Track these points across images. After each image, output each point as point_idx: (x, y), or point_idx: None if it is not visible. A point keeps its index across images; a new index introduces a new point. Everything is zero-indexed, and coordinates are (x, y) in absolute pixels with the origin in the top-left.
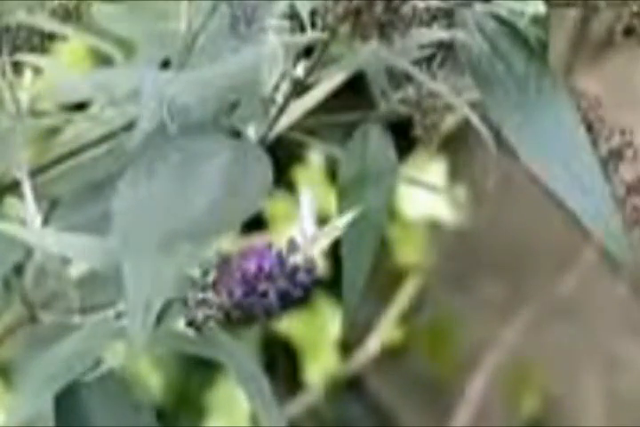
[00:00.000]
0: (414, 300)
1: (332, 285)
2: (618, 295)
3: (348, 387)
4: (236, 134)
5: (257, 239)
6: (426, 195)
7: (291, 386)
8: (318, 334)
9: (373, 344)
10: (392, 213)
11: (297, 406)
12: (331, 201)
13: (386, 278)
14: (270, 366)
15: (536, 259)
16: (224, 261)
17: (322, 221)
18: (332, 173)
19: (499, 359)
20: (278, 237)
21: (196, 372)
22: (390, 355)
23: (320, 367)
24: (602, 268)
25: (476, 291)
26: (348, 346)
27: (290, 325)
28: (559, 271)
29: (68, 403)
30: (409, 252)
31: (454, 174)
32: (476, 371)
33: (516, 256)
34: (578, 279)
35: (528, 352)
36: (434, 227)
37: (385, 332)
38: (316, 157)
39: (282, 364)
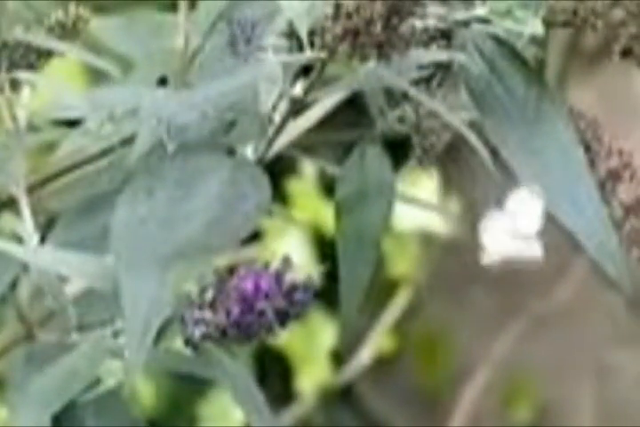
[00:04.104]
0: (406, 311)
1: (325, 296)
2: (608, 306)
3: (341, 397)
4: (234, 153)
5: (248, 252)
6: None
7: (283, 396)
8: (311, 344)
9: (366, 355)
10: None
11: (290, 415)
12: (324, 214)
13: (378, 290)
14: (263, 376)
15: (528, 271)
16: (221, 280)
17: (315, 234)
18: (325, 185)
19: (491, 370)
20: (270, 250)
21: (189, 381)
22: (383, 365)
23: (312, 377)
24: (593, 279)
25: (468, 302)
26: (340, 356)
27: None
28: (550, 283)
29: (65, 421)
30: (401, 263)
31: (446, 186)
32: (468, 381)
33: (508, 268)
34: (569, 291)
35: (520, 363)
36: (426, 239)
37: (377, 342)
38: (309, 170)
39: (274, 374)
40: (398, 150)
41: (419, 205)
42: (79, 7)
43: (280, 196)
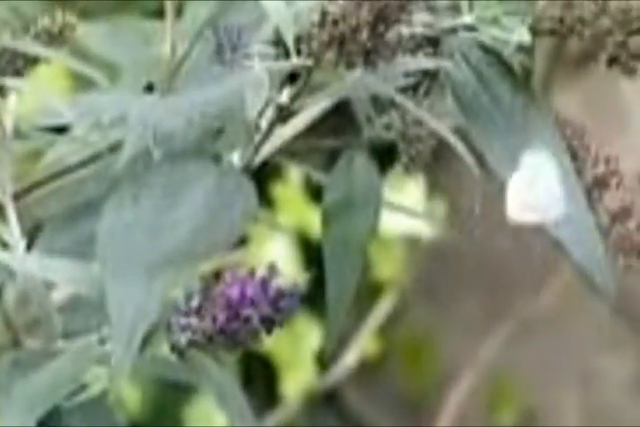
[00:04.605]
0: (392, 315)
1: (310, 299)
2: (594, 311)
3: (325, 401)
4: (221, 160)
5: (233, 257)
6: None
7: (268, 399)
8: (295, 347)
9: (351, 358)
10: None
11: (274, 419)
12: (309, 218)
13: (363, 293)
14: (247, 380)
15: (513, 274)
16: (207, 287)
17: (301, 238)
18: (311, 190)
19: (476, 374)
20: (255, 255)
21: (174, 387)
22: (368, 369)
23: (297, 381)
24: (578, 284)
25: (454, 306)
26: (325, 360)
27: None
28: (536, 287)
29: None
30: (386, 267)
31: (432, 190)
32: (453, 385)
33: (494, 272)
34: (555, 295)
35: (505, 367)
36: (411, 242)
37: (362, 346)
38: (295, 175)
39: (259, 377)
40: (384, 156)
41: (405, 211)
42: (66, 14)
43: (266, 200)
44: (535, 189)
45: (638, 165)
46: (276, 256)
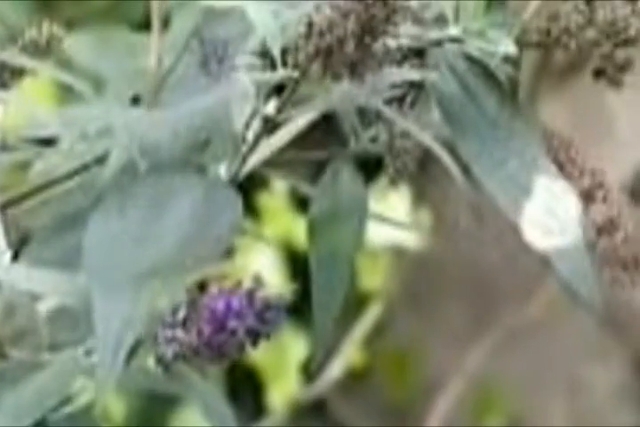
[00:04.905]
0: (378, 325)
1: (295, 310)
2: (580, 320)
3: (312, 411)
4: (207, 172)
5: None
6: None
7: (254, 410)
8: (281, 358)
9: (337, 368)
10: None
11: None
12: (295, 228)
13: (349, 303)
14: (233, 391)
15: (500, 285)
16: (193, 299)
17: (287, 248)
18: (296, 200)
19: (463, 383)
20: (241, 266)
21: (160, 398)
22: (354, 379)
23: (283, 392)
24: (564, 295)
25: (440, 316)
26: (311, 370)
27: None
28: (522, 297)
29: None
30: (372, 277)
31: (417, 200)
32: (439, 395)
33: (480, 282)
34: (541, 304)
35: (492, 376)
36: (397, 253)
37: (348, 356)
38: (280, 185)
39: (245, 388)
40: (370, 167)
41: (390, 223)
42: (53, 25)
43: (251, 210)
44: (554, 214)
45: (624, 174)
46: (262, 267)
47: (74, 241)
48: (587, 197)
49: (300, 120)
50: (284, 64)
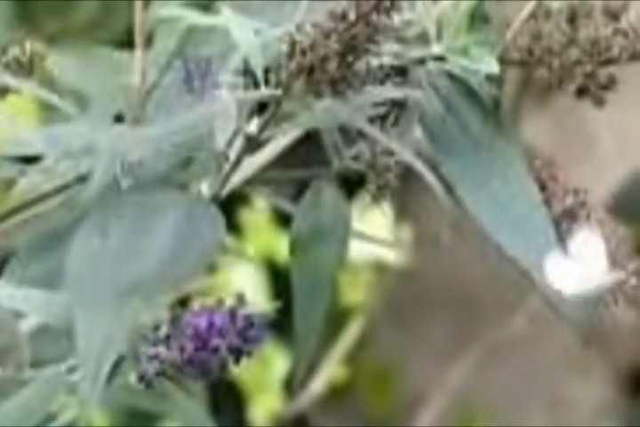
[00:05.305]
0: (360, 340)
1: (277, 325)
2: (563, 336)
3: (294, 426)
4: (190, 190)
5: (200, 283)
6: (371, 234)
7: (236, 425)
8: (263, 372)
9: (319, 384)
10: None
11: None
12: (276, 244)
13: (331, 318)
14: (215, 406)
15: (482, 300)
16: (175, 317)
17: (268, 264)
18: (278, 215)
19: (445, 399)
20: (222, 280)
21: (142, 414)
22: (336, 394)
23: (265, 407)
24: (546, 310)
25: (422, 331)
26: (293, 385)
27: None
28: (504, 312)
29: None
30: (354, 292)
31: (399, 215)
32: (421, 410)
33: (462, 297)
34: (522, 321)
35: (473, 393)
36: (379, 267)
37: (330, 371)
38: (262, 201)
39: (227, 403)
40: (351, 182)
41: (372, 241)
42: (35, 44)
43: (233, 227)
44: (584, 262)
45: (607, 192)
46: (244, 283)
47: (57, 259)
48: (570, 217)
49: (282, 138)
50: (267, 82)
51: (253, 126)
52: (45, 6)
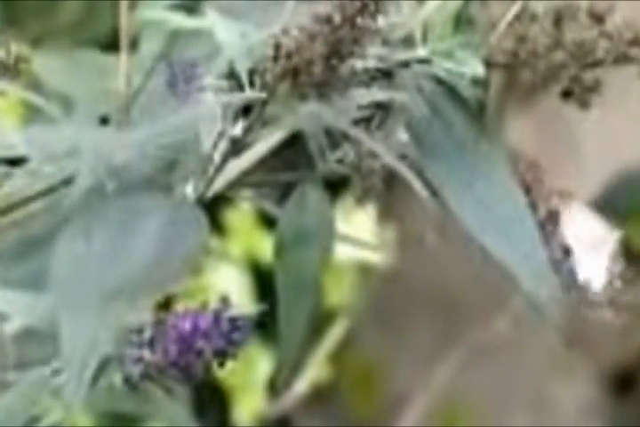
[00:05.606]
0: (343, 341)
1: (261, 326)
2: (547, 338)
3: None
4: (174, 193)
5: (183, 284)
6: (355, 235)
7: (220, 426)
8: (247, 374)
9: (302, 385)
10: None
11: None
12: (260, 246)
13: (315, 320)
14: (199, 407)
15: (465, 301)
16: (160, 319)
17: (251, 264)
18: (262, 217)
19: (428, 400)
20: (206, 280)
21: (127, 416)
22: (320, 395)
23: (249, 408)
24: (530, 311)
25: (406, 332)
26: (276, 386)
27: None
28: (488, 314)
29: None
30: (337, 293)
31: (383, 216)
32: (405, 411)
33: (446, 298)
34: (507, 322)
35: (457, 394)
36: (362, 268)
37: (314, 372)
38: (246, 202)
39: (211, 404)
40: (335, 183)
41: (356, 243)
42: (21, 46)
43: (217, 228)
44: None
45: (591, 192)
46: (228, 284)
47: (41, 262)
48: (554, 219)
49: (267, 141)
50: (252, 85)
51: (238, 129)
52: (29, 8)
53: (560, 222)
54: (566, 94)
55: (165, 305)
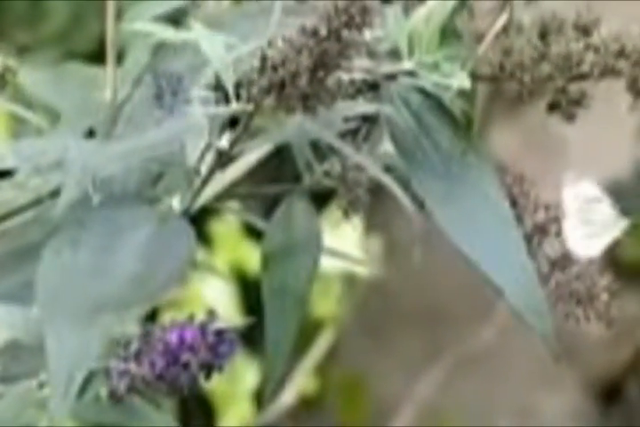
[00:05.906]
0: (330, 352)
1: (247, 337)
2: (533, 348)
3: None
4: (161, 205)
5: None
6: (341, 247)
7: None
8: (233, 385)
9: (288, 395)
10: None
11: None
12: (247, 257)
13: (301, 330)
14: (186, 418)
15: (451, 312)
16: (146, 332)
17: (237, 274)
18: (248, 228)
19: (414, 410)
20: (192, 291)
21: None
22: (306, 406)
23: (235, 418)
24: (516, 321)
25: (392, 343)
26: (263, 397)
27: None
28: (474, 324)
29: None
30: (324, 304)
31: (370, 227)
32: (391, 422)
33: (432, 309)
34: (492, 332)
35: (443, 403)
36: (349, 279)
37: (300, 383)
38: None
39: (197, 415)
40: (321, 195)
41: (342, 256)
42: (7, 58)
43: (204, 239)
44: (592, 220)
45: None
46: (214, 295)
47: (28, 274)
48: (541, 232)
49: (253, 154)
50: (238, 98)
51: (225, 141)
52: (15, 18)
53: (547, 235)
54: (552, 107)
55: (152, 316)
